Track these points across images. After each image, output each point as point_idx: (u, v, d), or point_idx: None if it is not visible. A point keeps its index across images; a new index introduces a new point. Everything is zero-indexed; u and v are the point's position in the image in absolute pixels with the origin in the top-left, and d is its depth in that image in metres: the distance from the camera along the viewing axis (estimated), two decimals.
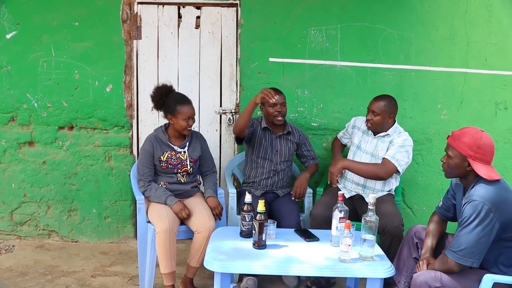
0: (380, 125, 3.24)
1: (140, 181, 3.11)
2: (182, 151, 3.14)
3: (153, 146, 3.08)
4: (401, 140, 3.20)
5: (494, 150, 2.35)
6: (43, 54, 3.66)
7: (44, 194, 3.84)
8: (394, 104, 3.27)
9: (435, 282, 2.26)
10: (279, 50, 3.73)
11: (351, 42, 3.74)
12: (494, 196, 2.23)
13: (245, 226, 2.67)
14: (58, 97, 3.71)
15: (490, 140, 2.33)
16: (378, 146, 3.28)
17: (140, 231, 3.12)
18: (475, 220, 2.21)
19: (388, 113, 3.22)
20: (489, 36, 3.74)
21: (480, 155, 2.29)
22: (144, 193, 3.08)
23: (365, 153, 3.32)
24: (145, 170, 3.08)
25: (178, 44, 3.78)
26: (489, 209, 2.20)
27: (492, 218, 2.20)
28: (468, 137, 2.32)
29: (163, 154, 3.09)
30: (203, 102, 3.86)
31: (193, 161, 3.17)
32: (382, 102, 3.21)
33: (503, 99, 3.81)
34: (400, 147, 3.17)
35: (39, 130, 3.75)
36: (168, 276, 2.92)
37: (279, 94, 3.29)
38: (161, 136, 3.12)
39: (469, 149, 2.30)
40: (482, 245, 2.21)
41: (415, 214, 3.93)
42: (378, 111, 3.20)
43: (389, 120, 3.25)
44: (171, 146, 3.12)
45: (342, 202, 2.61)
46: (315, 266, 2.40)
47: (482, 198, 2.22)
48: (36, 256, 3.63)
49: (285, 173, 3.46)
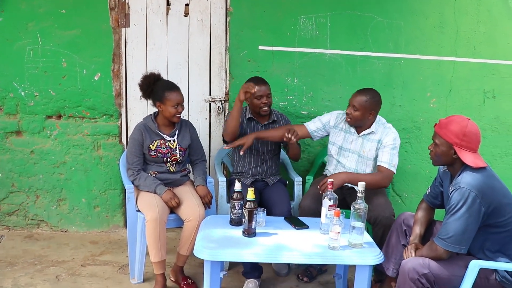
0: (358, 121, 3.10)
1: (129, 170, 3.09)
2: (171, 139, 3.12)
3: (142, 134, 3.06)
4: (391, 140, 3.10)
5: (480, 138, 2.37)
6: (30, 42, 3.60)
7: (33, 183, 3.81)
8: (378, 101, 3.11)
9: (423, 268, 2.29)
10: (268, 38, 3.71)
11: (341, 30, 3.73)
12: (480, 183, 2.25)
13: (235, 214, 2.68)
14: (45, 85, 3.67)
15: (476, 128, 2.35)
16: (364, 145, 3.17)
17: (130, 220, 3.11)
18: (462, 207, 2.23)
19: (369, 110, 3.06)
20: (478, 25, 3.75)
21: (466, 143, 2.31)
22: (133, 182, 3.06)
23: (351, 152, 3.22)
24: (134, 159, 3.07)
25: (167, 32, 3.75)
26: (476, 196, 2.22)
27: (479, 204, 2.23)
28: (454, 125, 2.34)
29: (153, 142, 3.08)
30: (192, 90, 3.83)
31: (182, 150, 3.15)
32: (364, 97, 3.04)
33: (491, 87, 3.84)
34: (392, 150, 3.09)
35: (26, 119, 3.71)
36: (158, 264, 2.92)
37: (264, 85, 3.25)
38: (150, 124, 3.10)
39: (455, 137, 2.32)
40: (470, 231, 2.24)
41: (404, 201, 3.97)
42: (358, 106, 3.04)
43: (369, 117, 3.10)
44: (160, 134, 3.10)
45: (332, 190, 2.62)
46: (305, 254, 2.42)
47: (468, 185, 2.25)
48: (25, 246, 3.61)
49: (273, 161, 3.46)
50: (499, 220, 2.28)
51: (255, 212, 2.53)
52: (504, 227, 2.30)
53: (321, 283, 3.24)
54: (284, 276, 3.27)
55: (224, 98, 3.85)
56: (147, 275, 3.17)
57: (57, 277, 3.15)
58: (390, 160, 3.08)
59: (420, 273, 2.27)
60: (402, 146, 3.77)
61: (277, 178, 3.47)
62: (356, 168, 3.21)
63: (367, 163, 3.19)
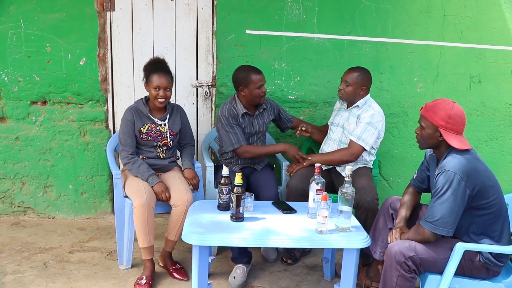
0: (350, 95, 3.23)
1: (123, 151, 3.05)
2: (162, 123, 3.11)
3: (133, 116, 3.05)
4: (369, 115, 3.18)
5: (465, 120, 2.40)
6: (12, 26, 3.52)
7: (18, 170, 3.77)
8: (368, 77, 3.26)
9: (409, 251, 2.32)
10: (255, 22, 3.69)
11: (328, 14, 3.71)
12: (464, 165, 2.28)
13: (223, 199, 2.68)
14: (29, 70, 3.60)
15: (461, 111, 2.38)
16: (349, 119, 3.28)
17: (118, 206, 3.10)
18: (448, 190, 2.26)
19: (360, 85, 3.21)
20: (464, 9, 3.76)
21: (451, 125, 2.35)
22: (126, 165, 3.03)
23: (337, 126, 3.34)
24: (127, 140, 3.04)
25: (153, 16, 3.70)
26: (460, 178, 2.25)
27: (464, 187, 2.26)
28: (440, 107, 2.37)
29: (144, 125, 3.06)
30: (179, 75, 3.80)
31: (173, 134, 3.14)
32: (355, 73, 3.21)
33: (477, 72, 3.86)
34: (367, 125, 3.16)
35: (10, 105, 3.65)
36: (147, 250, 2.93)
37: (262, 73, 3.22)
38: (141, 107, 3.08)
39: (441, 120, 2.35)
40: (456, 214, 2.28)
41: (391, 186, 4.00)
42: (350, 82, 3.20)
43: (361, 92, 3.24)
44: (151, 118, 3.08)
45: (319, 174, 2.64)
46: (293, 238, 2.43)
47: (453, 168, 2.28)
48: (12, 233, 3.59)
49: None
50: (483, 202, 2.32)
51: (242, 196, 2.54)
52: (488, 209, 2.34)
53: (309, 266, 3.27)
54: (273, 261, 3.29)
55: (211, 83, 3.83)
56: (135, 261, 3.17)
57: (45, 264, 3.14)
58: (360, 134, 3.15)
59: (406, 256, 2.30)
60: (389, 130, 3.81)
61: (264, 163, 3.48)
62: (340, 140, 3.31)
63: (348, 136, 3.26)
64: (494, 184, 2.36)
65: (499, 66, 3.85)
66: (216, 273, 3.11)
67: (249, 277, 3.06)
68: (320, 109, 3.86)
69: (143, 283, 2.87)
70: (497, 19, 3.78)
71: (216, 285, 2.97)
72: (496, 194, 2.34)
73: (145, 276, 2.91)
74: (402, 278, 2.32)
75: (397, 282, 2.33)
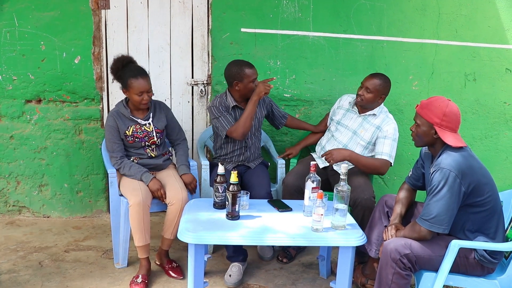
0: (370, 102, 3.19)
1: (112, 158, 3.05)
2: (146, 123, 3.08)
3: (116, 121, 3.01)
4: (392, 130, 3.17)
5: (460, 118, 2.40)
6: (6, 24, 3.50)
7: (13, 169, 3.75)
8: (389, 85, 3.22)
9: (404, 249, 2.32)
10: (251, 20, 3.68)
11: (323, 13, 3.71)
12: (459, 163, 2.29)
13: (218, 197, 2.68)
14: (24, 69, 3.59)
15: (456, 108, 2.38)
16: (363, 125, 3.24)
17: (113, 204, 3.10)
18: (443, 187, 2.27)
19: (381, 93, 3.18)
20: (459, 8, 3.77)
21: (446, 123, 2.35)
22: (118, 170, 3.03)
23: (347, 129, 3.30)
24: (114, 146, 3.03)
25: (148, 14, 3.69)
26: (456, 175, 2.26)
27: (459, 184, 2.26)
28: (435, 105, 2.38)
29: (128, 128, 3.03)
30: (174, 73, 3.79)
31: (159, 131, 3.12)
32: (378, 81, 3.16)
33: (472, 70, 3.87)
34: (393, 142, 3.16)
35: (4, 103, 3.63)
36: (142, 248, 2.92)
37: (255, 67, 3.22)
38: (122, 110, 3.04)
39: (436, 117, 2.36)
40: (451, 211, 2.28)
41: (387, 184, 4.01)
42: (372, 89, 3.15)
43: (379, 100, 3.22)
44: (134, 119, 3.05)
45: (315, 172, 2.64)
46: (289, 236, 2.44)
47: (448, 165, 2.28)
48: (7, 233, 3.57)
49: (256, 146, 3.43)
50: (478, 200, 2.33)
51: (238, 195, 2.54)
52: (483, 206, 2.35)
53: (305, 264, 3.28)
54: (269, 260, 3.30)
55: (206, 81, 3.82)
56: (131, 260, 3.17)
57: (40, 263, 3.13)
58: (390, 152, 3.14)
59: (402, 253, 2.31)
60: None
61: (259, 161, 3.47)
62: (347, 144, 3.27)
63: (359, 143, 3.24)
64: (489, 182, 2.37)
65: (494, 64, 3.87)
66: (212, 272, 3.11)
67: (245, 275, 3.06)
68: (316, 107, 3.86)
69: (139, 281, 2.86)
70: (492, 17, 3.79)
71: (212, 284, 2.97)
72: (490, 191, 2.35)
73: (141, 275, 2.90)
74: (397, 276, 2.33)
75: (393, 280, 2.34)
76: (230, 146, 3.34)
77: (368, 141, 3.22)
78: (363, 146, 3.23)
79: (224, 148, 3.36)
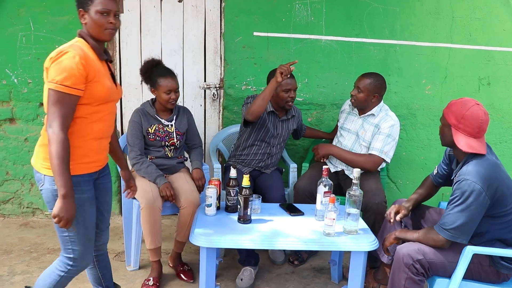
0: (362, 102, 3.16)
1: (131, 152, 3.06)
2: (169, 124, 3.12)
3: (141, 118, 3.07)
4: (388, 126, 3.11)
5: (484, 124, 2.29)
6: (22, 28, 3.56)
7: (27, 171, 3.79)
8: (382, 84, 3.16)
9: (417, 254, 2.30)
10: (263, 24, 3.69)
11: (336, 16, 3.71)
12: (485, 175, 2.21)
13: (230, 201, 2.68)
14: (39, 72, 3.63)
15: (479, 113, 2.27)
16: (363, 126, 3.21)
17: (125, 207, 3.11)
18: (467, 199, 2.20)
19: (373, 92, 3.13)
20: (473, 11, 3.74)
21: (463, 126, 2.28)
22: (135, 165, 3.04)
23: (349, 132, 3.28)
24: (135, 141, 3.05)
25: (161, 18, 3.71)
26: (481, 188, 2.18)
27: (484, 197, 2.19)
28: (457, 106, 2.31)
29: (151, 126, 3.08)
30: (187, 77, 3.81)
31: (180, 134, 3.15)
32: (368, 80, 3.12)
33: (486, 74, 3.84)
34: (387, 137, 3.09)
35: (20, 106, 3.68)
36: (154, 251, 2.93)
37: (293, 78, 3.21)
38: (148, 109, 3.10)
39: (454, 118, 2.30)
40: (473, 223, 2.23)
41: (399, 188, 3.99)
42: (363, 88, 3.12)
43: (373, 99, 3.16)
44: (158, 119, 3.10)
45: (327, 176, 2.63)
46: (301, 240, 2.43)
47: (474, 177, 2.20)
48: (21, 234, 3.61)
49: (277, 156, 3.43)
50: (501, 211, 2.26)
51: (250, 198, 2.53)
52: (505, 217, 2.28)
53: (316, 269, 3.26)
54: (281, 264, 3.29)
55: (219, 85, 3.83)
56: (143, 262, 3.18)
57: None
58: (381, 147, 3.09)
59: (415, 259, 2.28)
60: None
61: (274, 167, 3.46)
62: (352, 147, 3.25)
63: (362, 144, 3.21)
64: None
65: (509, 68, 3.83)
66: (224, 275, 3.11)
67: (256, 279, 3.06)
68: (328, 111, 3.85)
69: (150, 284, 2.87)
70: (506, 20, 3.76)
71: (224, 287, 2.97)
72: None
73: (152, 278, 2.91)
74: (410, 281, 2.30)
75: (405, 285, 2.31)
76: (254, 149, 3.34)
77: (369, 142, 3.19)
78: (366, 147, 3.21)
79: (246, 150, 3.35)
